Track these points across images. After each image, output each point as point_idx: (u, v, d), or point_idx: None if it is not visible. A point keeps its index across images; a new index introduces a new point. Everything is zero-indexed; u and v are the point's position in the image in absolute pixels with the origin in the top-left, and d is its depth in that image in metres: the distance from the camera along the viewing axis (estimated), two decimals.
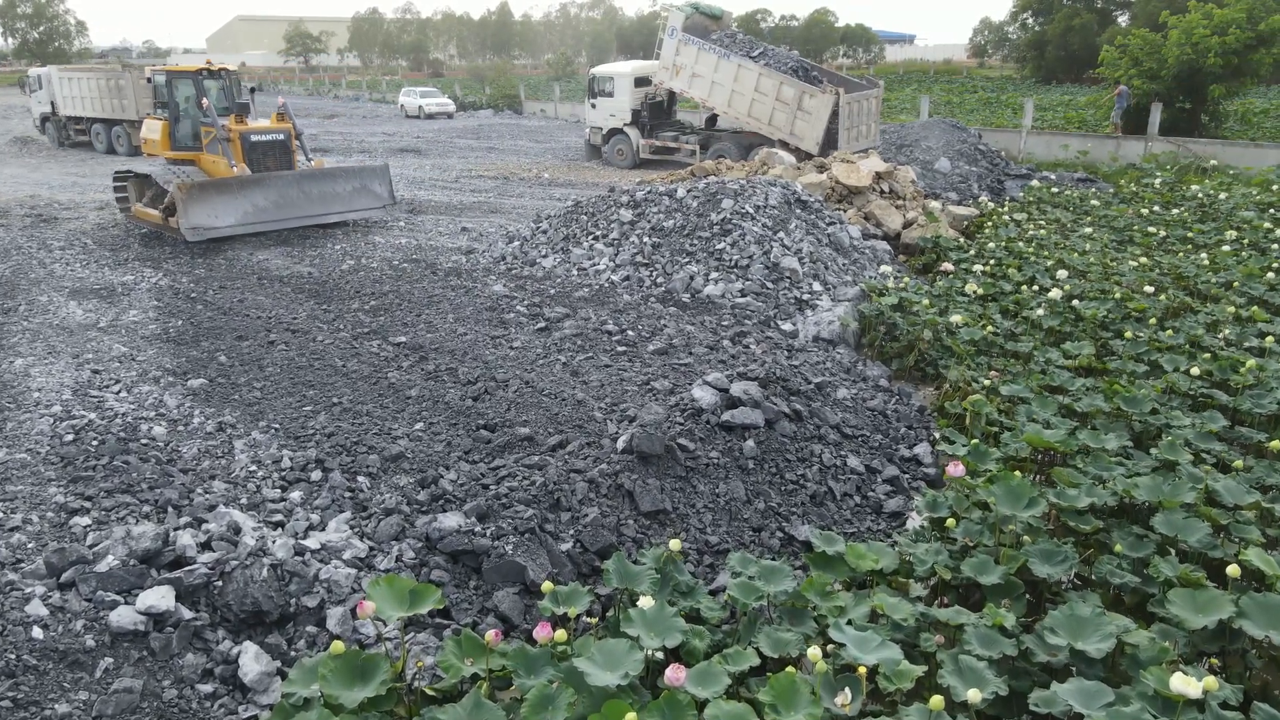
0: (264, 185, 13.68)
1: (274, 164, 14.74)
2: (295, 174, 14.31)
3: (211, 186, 13.13)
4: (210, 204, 13.00)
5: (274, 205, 13.74)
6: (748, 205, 11.19)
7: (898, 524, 6.02)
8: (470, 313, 9.69)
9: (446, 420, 6.79)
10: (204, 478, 5.84)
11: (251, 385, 7.58)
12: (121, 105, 27.46)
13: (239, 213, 13.30)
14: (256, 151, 14.51)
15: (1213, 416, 6.33)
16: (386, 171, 15.56)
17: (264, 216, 13.61)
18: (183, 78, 15.12)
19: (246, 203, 13.41)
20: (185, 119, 15.09)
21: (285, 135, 14.99)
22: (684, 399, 6.54)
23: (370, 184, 15.17)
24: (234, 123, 14.43)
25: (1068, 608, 4.07)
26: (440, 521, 5.14)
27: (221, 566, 4.69)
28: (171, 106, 15.09)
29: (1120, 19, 51.23)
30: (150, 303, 10.26)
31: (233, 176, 13.65)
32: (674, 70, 22.01)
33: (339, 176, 14.83)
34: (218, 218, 13.05)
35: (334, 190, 14.63)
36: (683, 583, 4.55)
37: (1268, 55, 22.10)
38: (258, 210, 13.53)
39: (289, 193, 13.98)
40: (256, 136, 14.57)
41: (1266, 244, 11.65)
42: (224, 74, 15.54)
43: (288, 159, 15.01)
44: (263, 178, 13.77)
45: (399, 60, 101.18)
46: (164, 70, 15.54)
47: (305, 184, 14.23)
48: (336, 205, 14.67)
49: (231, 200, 13.27)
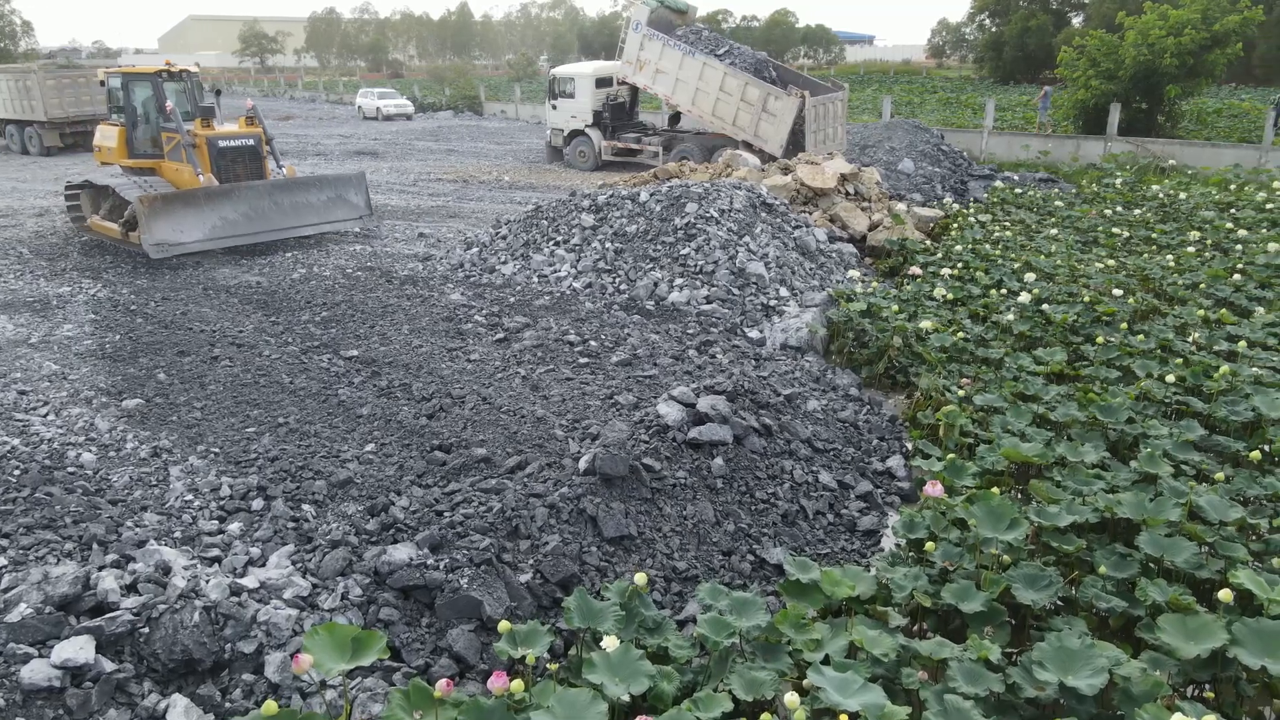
0: (233, 197, 12.73)
1: (244, 172, 13.77)
2: (266, 184, 13.33)
3: (176, 199, 12.20)
4: (175, 218, 12.08)
5: (244, 218, 12.80)
6: (712, 209, 10.95)
7: (872, 543, 5.79)
8: (426, 323, 9.33)
9: (399, 440, 6.44)
10: (134, 509, 5.43)
11: (191, 405, 7.16)
12: (30, 106, 26.64)
13: (206, 227, 12.37)
14: (225, 158, 13.52)
15: (1190, 426, 6.19)
16: (363, 180, 14.66)
17: (233, 230, 12.67)
18: (140, 80, 14.03)
19: (214, 216, 12.47)
20: (143, 124, 14.13)
21: (255, 140, 14.01)
22: (649, 415, 6.25)
23: (346, 194, 14.28)
24: (200, 127, 13.50)
25: (1056, 638, 3.86)
26: (390, 554, 4.81)
27: (148, 611, 4.30)
28: (128, 111, 14.03)
29: (1075, 20, 51.95)
30: (87, 316, 9.75)
31: (199, 187, 12.70)
32: (638, 66, 21.70)
33: (313, 186, 13.84)
34: (183, 232, 12.13)
35: (308, 201, 13.69)
36: (649, 618, 4.27)
37: (1222, 56, 22.36)
38: (227, 224, 12.59)
39: (260, 204, 13.03)
40: (225, 142, 13.57)
41: (1229, 244, 11.66)
42: (185, 75, 14.47)
43: (258, 166, 14.03)
44: (231, 188, 12.84)
45: (357, 61, 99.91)
46: (119, 72, 14.47)
47: (277, 194, 13.29)
48: (310, 217, 13.73)
49: (198, 214, 12.32)
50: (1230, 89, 42.18)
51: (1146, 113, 23.61)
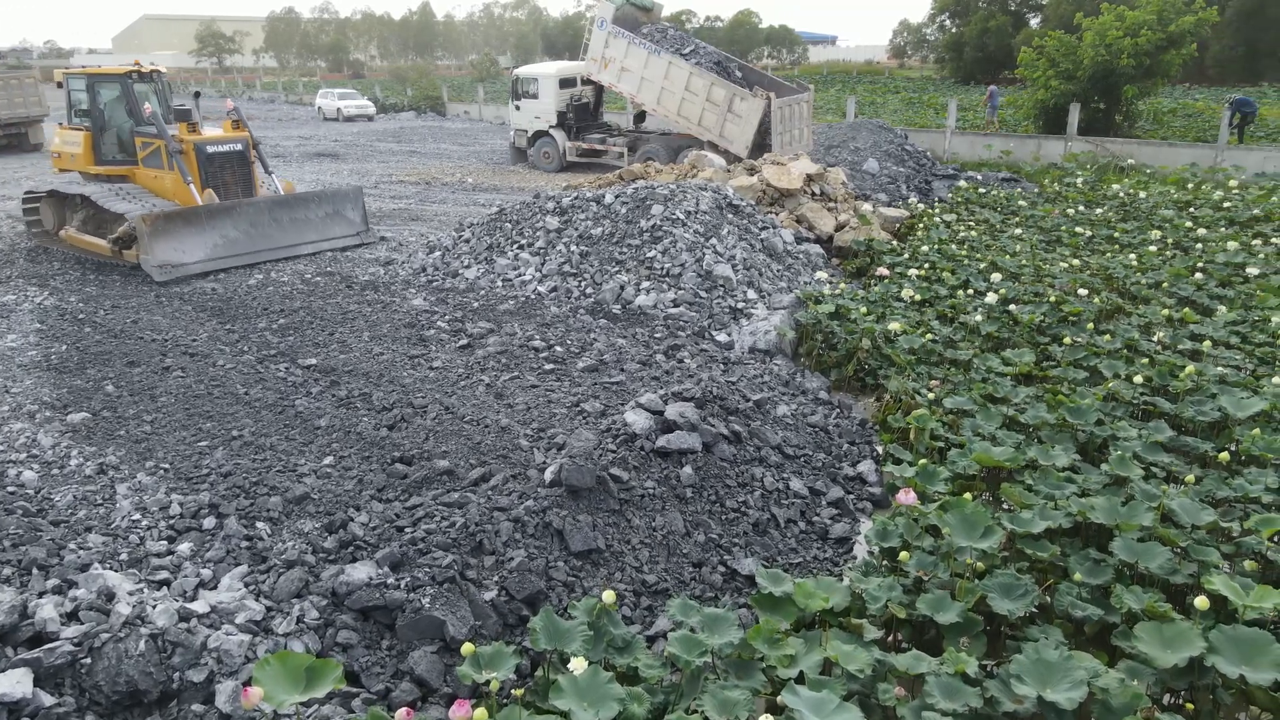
0: (234, 214, 11.95)
1: (232, 179, 12.93)
2: (266, 200, 12.61)
3: (179, 218, 11.38)
4: (177, 237, 11.29)
5: (245, 236, 12.03)
6: (678, 211, 10.84)
7: (845, 550, 5.70)
8: (387, 330, 9.10)
9: (359, 453, 6.23)
10: (78, 530, 5.18)
11: (140, 418, 6.89)
12: None
13: (208, 246, 11.60)
14: (213, 165, 12.68)
15: (1159, 427, 6.18)
16: (360, 196, 13.93)
17: (234, 249, 11.88)
18: (108, 81, 13.17)
19: (215, 234, 11.69)
20: (111, 128, 13.26)
21: (244, 145, 13.17)
22: (616, 423, 6.11)
23: (344, 209, 13.54)
24: (185, 132, 12.62)
25: (1033, 650, 3.78)
26: (349, 574, 4.62)
27: (90, 641, 4.08)
28: (95, 114, 13.16)
29: (1033, 21, 52.67)
30: (32, 325, 9.39)
31: (200, 205, 11.85)
32: (603, 64, 21.50)
33: (311, 201, 13.09)
34: (185, 253, 11.33)
35: (307, 217, 12.93)
36: (618, 637, 4.13)
37: (1177, 56, 22.72)
38: (228, 243, 11.82)
39: (260, 221, 12.26)
40: (213, 148, 12.69)
41: (1189, 243, 11.79)
42: (155, 76, 13.57)
43: (247, 173, 13.21)
44: (232, 205, 12.07)
45: (317, 61, 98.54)
46: (82, 73, 13.57)
47: (277, 211, 12.55)
48: (310, 234, 12.96)
49: (199, 233, 11.54)
50: (1184, 89, 43.00)
51: (1105, 113, 23.92)
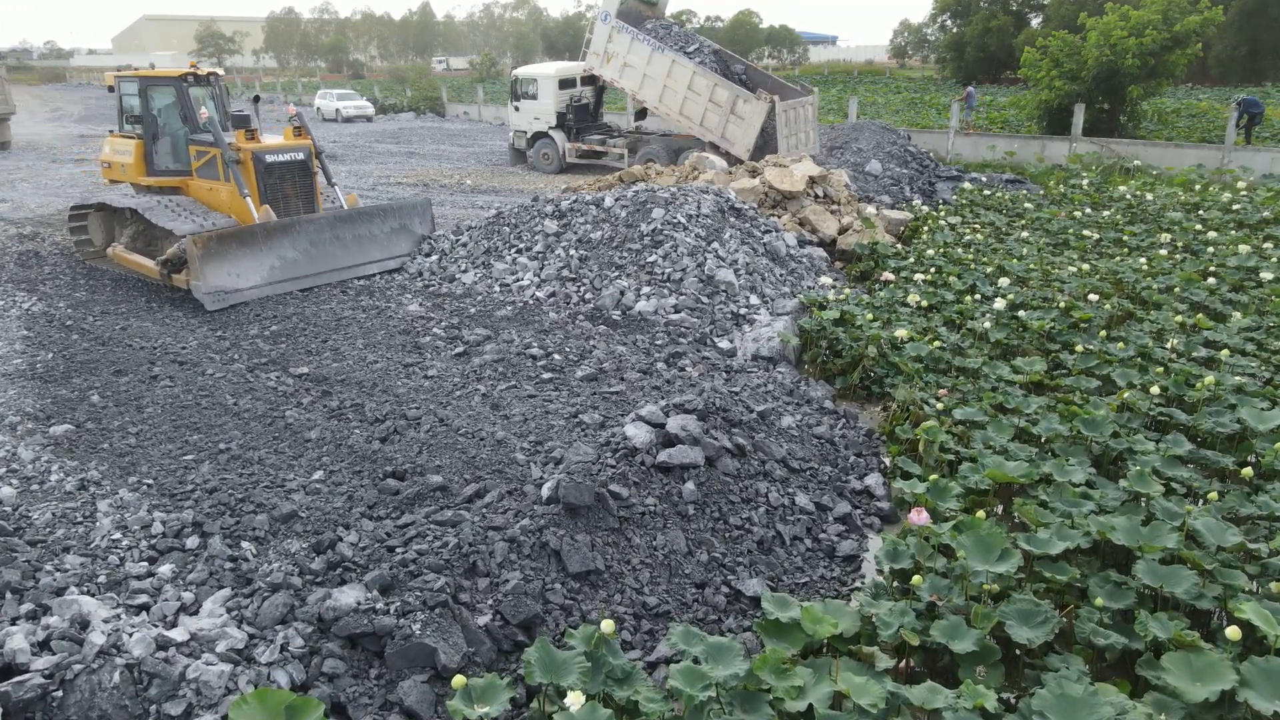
0: (293, 233, 10.78)
1: (293, 190, 11.84)
2: (328, 217, 11.32)
3: (232, 238, 10.24)
4: (231, 260, 10.20)
5: (304, 257, 10.89)
6: (679, 214, 10.63)
7: (853, 568, 5.50)
8: (382, 337, 8.90)
9: (350, 467, 6.03)
10: (55, 551, 4.97)
11: (126, 430, 6.69)
12: None
13: (264, 269, 10.51)
14: (273, 175, 11.61)
15: (1177, 440, 5.97)
16: (429, 209, 12.75)
17: (292, 272, 10.78)
18: (161, 85, 12.10)
19: (273, 256, 10.58)
20: (165, 136, 12.16)
21: (306, 154, 12.06)
22: (615, 436, 5.91)
23: (411, 224, 12.31)
24: (243, 139, 11.52)
25: (1056, 684, 3.58)
26: (336, 598, 4.41)
27: (62, 673, 3.87)
28: (147, 121, 12.07)
29: (1034, 21, 52.44)
30: (19, 333, 9.18)
31: (255, 224, 10.75)
32: (605, 58, 21.25)
33: (376, 216, 11.85)
34: (240, 277, 10.30)
35: (371, 233, 11.72)
36: (617, 668, 3.92)
37: (1182, 56, 22.49)
38: (286, 265, 10.70)
39: (321, 240, 11.08)
40: (273, 156, 11.61)
41: (1199, 246, 11.58)
42: (213, 79, 12.36)
43: (309, 184, 12.07)
44: (291, 224, 10.87)
45: (317, 61, 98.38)
46: (136, 75, 12.49)
47: (339, 228, 11.32)
48: (375, 252, 11.78)
49: (255, 255, 10.43)
50: (1187, 89, 42.77)
51: (1109, 113, 23.69)
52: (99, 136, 34.19)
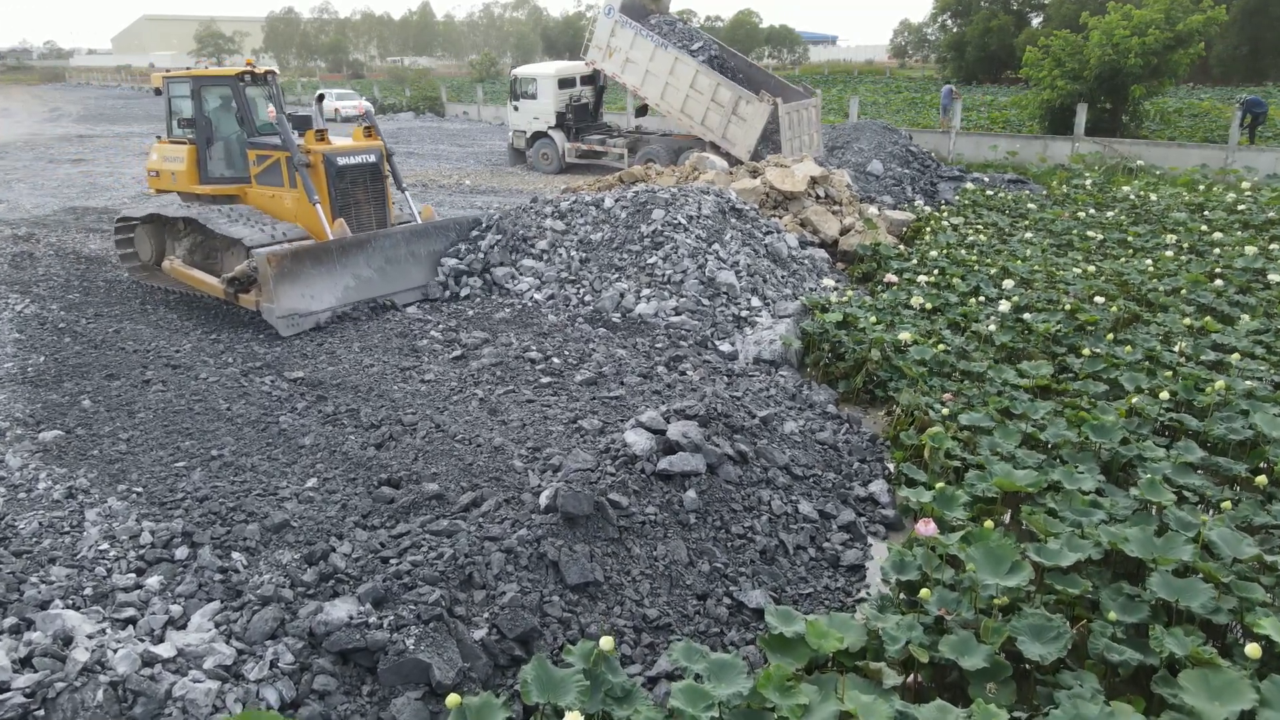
0: (368, 250, 10.02)
1: (364, 196, 11.03)
2: (404, 232, 10.62)
3: (306, 256, 9.43)
4: (305, 281, 9.38)
5: (378, 275, 10.13)
6: (680, 215, 10.51)
7: (857, 578, 5.38)
8: (379, 340, 8.79)
9: (344, 474, 5.91)
10: (41, 562, 4.86)
11: (116, 436, 6.57)
12: None
13: (339, 289, 9.72)
14: (344, 180, 10.74)
15: (1188, 447, 5.85)
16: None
17: (366, 291, 9.98)
18: (217, 85, 11.26)
19: (348, 275, 9.80)
20: (220, 141, 11.35)
21: (377, 156, 11.20)
22: (615, 443, 5.79)
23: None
24: (312, 140, 10.69)
25: (1071, 705, 3.46)
26: (327, 612, 4.30)
27: (44, 691, 3.76)
28: (201, 125, 11.16)
29: (1035, 21, 52.33)
30: (10, 335, 9.06)
31: (329, 240, 9.95)
32: (607, 53, 21.09)
33: (452, 230, 11.22)
34: (314, 299, 9.48)
35: (445, 249, 11.08)
36: (617, 686, 3.80)
37: (1185, 55, 22.35)
38: (360, 284, 9.91)
39: (397, 256, 10.38)
40: (345, 159, 10.72)
41: (1204, 247, 11.46)
42: (270, 78, 11.53)
43: (380, 189, 11.26)
44: (367, 239, 10.11)
45: (317, 61, 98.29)
46: (187, 75, 11.59)
47: (415, 244, 10.64)
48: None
49: (330, 273, 9.63)
50: (1189, 88, 42.65)
51: (1111, 113, 23.57)
52: (98, 136, 34.08)
